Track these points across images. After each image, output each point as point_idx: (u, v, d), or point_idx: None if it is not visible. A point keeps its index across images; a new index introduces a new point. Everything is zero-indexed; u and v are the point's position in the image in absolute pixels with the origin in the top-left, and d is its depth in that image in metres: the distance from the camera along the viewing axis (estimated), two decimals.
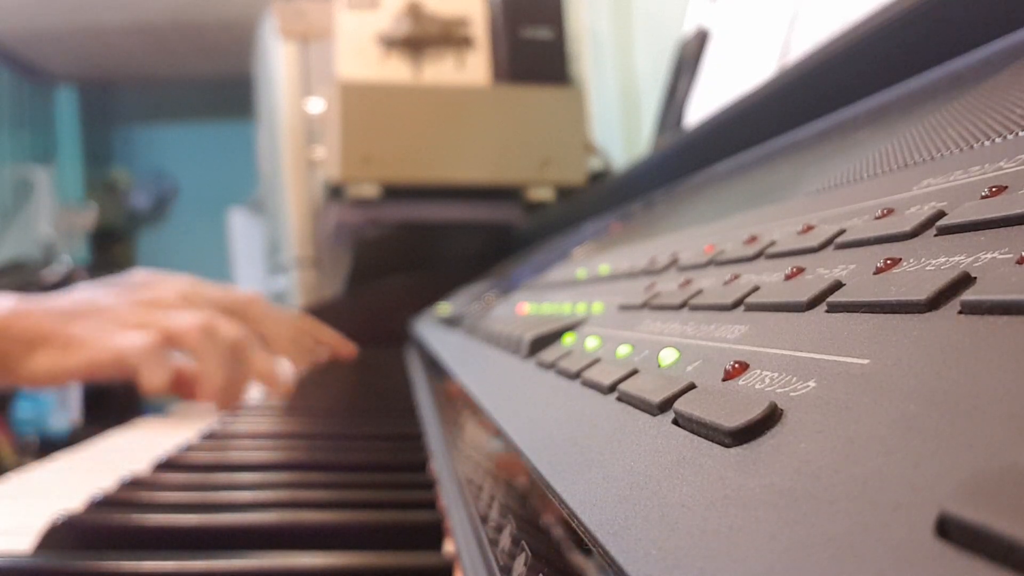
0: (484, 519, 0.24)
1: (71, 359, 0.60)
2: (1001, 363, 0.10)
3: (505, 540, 0.20)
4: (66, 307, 0.63)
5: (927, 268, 0.15)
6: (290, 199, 1.71)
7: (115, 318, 0.63)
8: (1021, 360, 0.10)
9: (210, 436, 0.49)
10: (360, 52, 1.35)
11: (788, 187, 0.35)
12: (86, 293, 0.66)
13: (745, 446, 0.13)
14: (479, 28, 1.39)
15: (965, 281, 0.13)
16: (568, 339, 0.32)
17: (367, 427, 0.51)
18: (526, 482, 0.24)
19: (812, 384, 0.14)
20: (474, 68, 1.38)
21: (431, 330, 0.86)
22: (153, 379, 0.60)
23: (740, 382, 0.16)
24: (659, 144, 0.87)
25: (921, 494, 0.09)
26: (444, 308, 0.94)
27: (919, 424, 0.10)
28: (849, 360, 0.14)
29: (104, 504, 0.32)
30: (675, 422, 0.16)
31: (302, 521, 0.30)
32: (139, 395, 0.64)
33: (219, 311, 0.67)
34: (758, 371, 0.16)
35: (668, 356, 0.20)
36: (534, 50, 1.40)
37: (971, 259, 0.14)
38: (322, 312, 1.44)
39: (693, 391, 0.17)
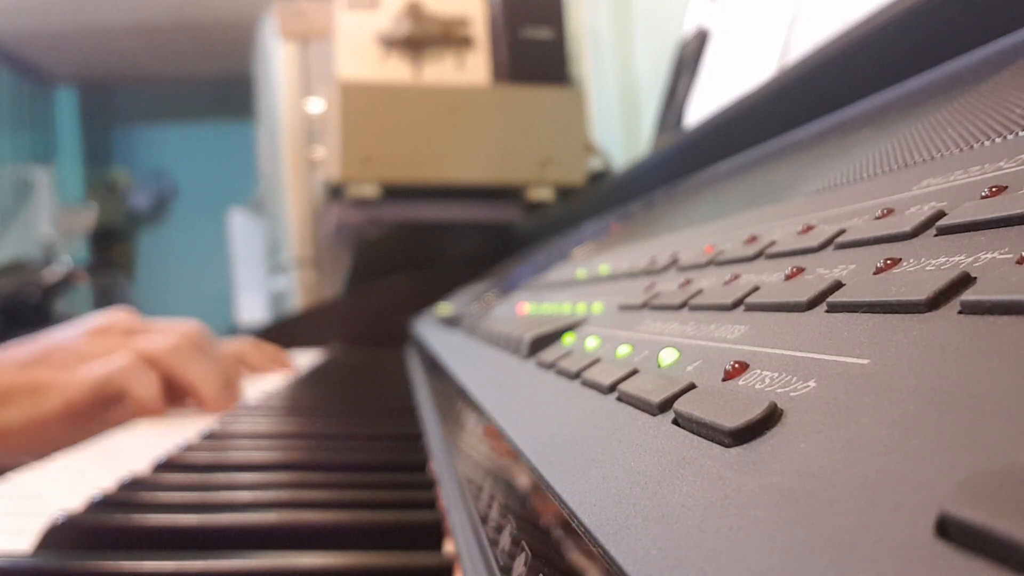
0: (484, 519, 0.24)
1: (44, 404, 0.57)
2: (1001, 363, 0.10)
3: (505, 540, 0.20)
4: (21, 356, 0.60)
5: (927, 268, 0.15)
6: (290, 199, 1.71)
7: (77, 354, 0.60)
8: (1021, 360, 0.10)
9: (210, 436, 0.49)
10: (360, 52, 1.35)
11: (788, 187, 0.35)
12: (39, 340, 0.63)
13: (745, 446, 0.13)
14: (479, 28, 1.39)
15: (965, 281, 0.13)
16: (568, 339, 0.32)
17: (367, 427, 0.51)
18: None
19: (812, 384, 0.14)
20: (474, 68, 1.38)
21: (431, 330, 0.86)
22: (144, 393, 0.59)
23: (740, 382, 0.16)
24: (659, 144, 0.87)
25: (921, 494, 0.09)
26: (444, 308, 0.94)
27: (919, 424, 0.10)
28: (849, 360, 0.14)
29: (104, 504, 0.32)
30: (675, 422, 0.16)
31: (302, 521, 0.30)
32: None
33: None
34: (758, 371, 0.16)
35: (668, 356, 0.20)
36: (534, 50, 1.40)
37: (971, 259, 0.14)
38: (322, 312, 1.44)
39: (693, 391, 0.17)
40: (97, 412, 0.59)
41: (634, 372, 0.21)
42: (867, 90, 0.40)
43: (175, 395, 0.64)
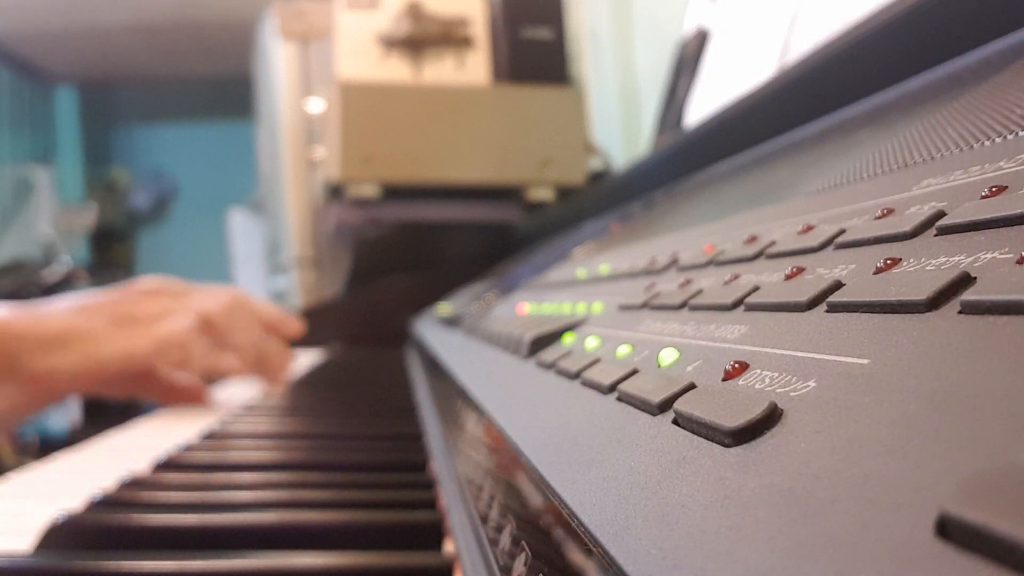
0: (484, 519, 0.24)
1: (101, 351, 0.57)
2: (1001, 363, 0.10)
3: (505, 540, 0.20)
4: (71, 304, 0.60)
5: (927, 268, 0.15)
6: (290, 199, 1.71)
7: (128, 310, 0.61)
8: (1021, 360, 0.10)
9: (210, 436, 0.49)
10: (360, 52, 1.35)
11: (788, 187, 0.35)
12: (85, 296, 0.64)
13: (745, 446, 0.13)
14: (479, 28, 1.39)
15: (965, 281, 0.13)
16: (568, 339, 0.32)
17: (367, 427, 0.51)
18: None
19: (812, 384, 0.14)
20: (474, 68, 1.38)
21: (431, 330, 0.86)
22: (200, 357, 0.60)
23: (740, 382, 0.16)
24: (659, 144, 0.87)
25: (921, 494, 0.09)
26: (444, 308, 0.94)
27: (919, 424, 0.10)
28: (849, 360, 0.14)
29: (104, 504, 0.32)
30: (675, 422, 0.16)
31: (302, 521, 0.30)
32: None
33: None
34: (758, 371, 0.16)
35: (668, 356, 0.20)
36: (534, 50, 1.40)
37: (971, 259, 0.14)
38: (322, 312, 1.44)
39: (693, 391, 0.17)
40: (154, 370, 0.59)
41: (634, 372, 0.21)
42: (867, 90, 0.40)
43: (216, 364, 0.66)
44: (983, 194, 0.16)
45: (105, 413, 2.64)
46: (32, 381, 0.56)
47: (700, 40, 0.87)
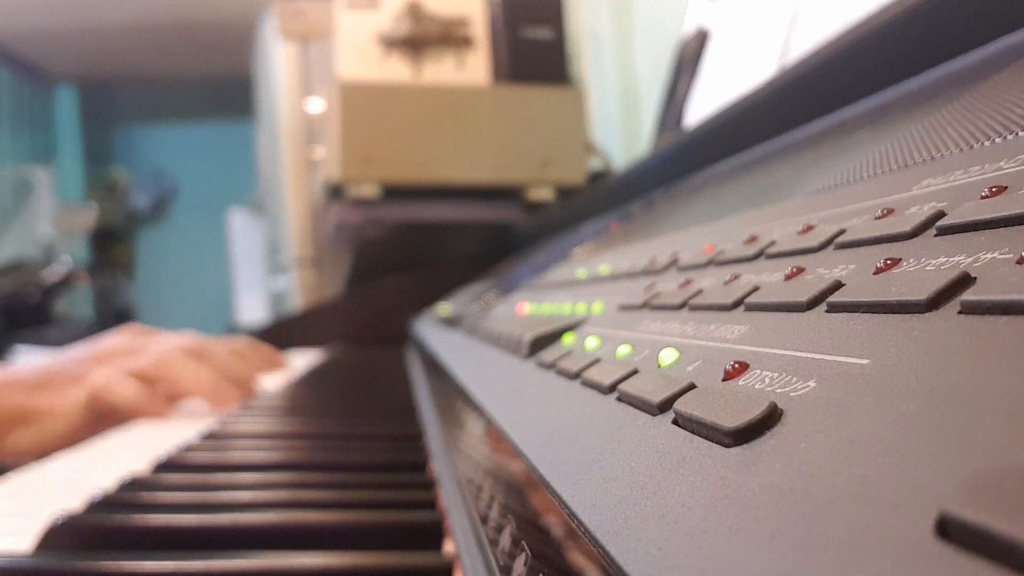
0: (484, 519, 0.24)
1: (49, 429, 0.61)
2: (1001, 363, 0.10)
3: (505, 540, 0.20)
4: (33, 377, 0.64)
5: (927, 268, 0.15)
6: (290, 199, 1.71)
7: (76, 379, 0.63)
8: (1021, 360, 0.10)
9: (210, 436, 0.49)
10: (360, 52, 1.35)
11: (788, 187, 0.35)
12: (52, 361, 0.67)
13: (745, 446, 0.13)
14: (479, 28, 1.39)
15: (965, 281, 0.13)
16: (568, 339, 0.32)
17: (367, 427, 0.51)
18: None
19: (812, 384, 0.14)
20: (474, 68, 1.38)
21: (431, 330, 0.86)
22: (128, 401, 0.61)
23: (740, 382, 0.16)
24: (659, 144, 0.87)
25: (921, 494, 0.09)
26: (444, 308, 0.94)
27: (919, 424, 0.10)
28: (849, 360, 0.14)
29: (104, 504, 0.32)
30: (675, 422, 0.16)
31: (302, 521, 0.30)
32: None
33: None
34: (758, 371, 0.16)
35: (668, 356, 0.20)
36: (534, 50, 1.40)
37: (971, 259, 0.14)
38: (322, 312, 1.44)
39: (693, 391, 0.17)
40: (99, 426, 0.62)
41: (634, 372, 0.21)
42: (867, 90, 0.40)
43: (177, 400, 0.66)
44: (983, 194, 0.16)
45: None
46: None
47: (700, 40, 0.87)
